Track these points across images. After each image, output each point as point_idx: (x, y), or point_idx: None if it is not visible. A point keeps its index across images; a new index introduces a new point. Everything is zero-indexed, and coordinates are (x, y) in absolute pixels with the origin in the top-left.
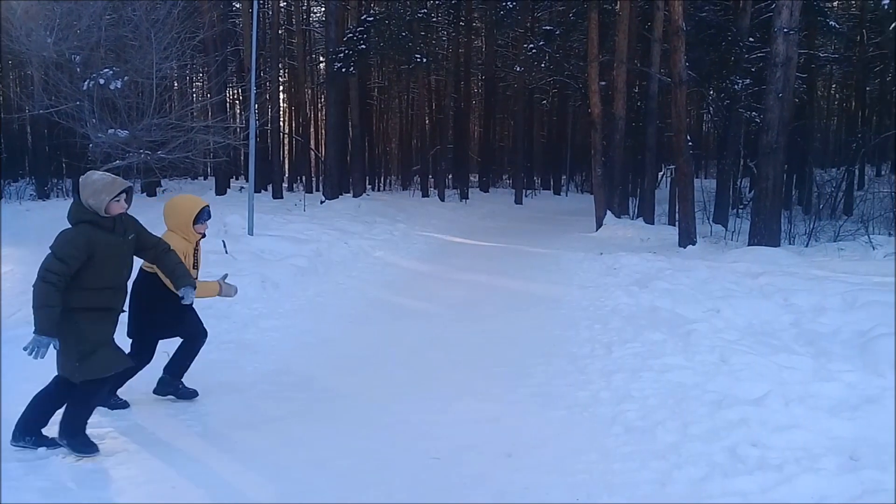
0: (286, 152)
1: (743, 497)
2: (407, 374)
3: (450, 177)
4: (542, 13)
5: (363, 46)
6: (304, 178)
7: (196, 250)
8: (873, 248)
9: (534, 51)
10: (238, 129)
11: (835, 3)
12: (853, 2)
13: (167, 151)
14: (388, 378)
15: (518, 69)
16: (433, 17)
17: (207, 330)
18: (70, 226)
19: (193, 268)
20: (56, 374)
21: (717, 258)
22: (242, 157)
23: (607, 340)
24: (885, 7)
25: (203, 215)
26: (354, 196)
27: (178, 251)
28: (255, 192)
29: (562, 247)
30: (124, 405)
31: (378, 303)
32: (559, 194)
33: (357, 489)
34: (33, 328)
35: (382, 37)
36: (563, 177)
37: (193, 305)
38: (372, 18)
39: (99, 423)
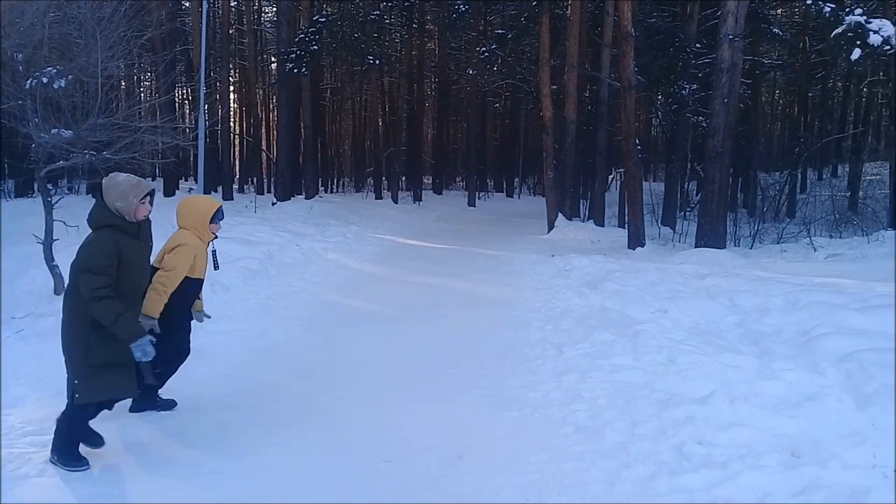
0: (237, 153)
1: (689, 495)
2: (359, 378)
3: (403, 179)
4: (494, 17)
5: (315, 47)
6: (255, 180)
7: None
8: (815, 250)
9: (486, 54)
10: (187, 130)
11: (779, 11)
12: (796, 10)
13: (113, 152)
14: (340, 382)
15: (471, 72)
16: (386, 19)
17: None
18: (91, 231)
19: (214, 268)
20: None
21: (665, 260)
22: (192, 158)
23: (558, 341)
24: (827, 15)
25: (218, 215)
26: (307, 198)
27: (192, 249)
28: (205, 193)
29: (514, 249)
30: (171, 404)
31: (330, 305)
32: (512, 196)
33: (308, 493)
34: (125, 340)
35: (335, 38)
36: (516, 179)
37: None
38: (324, 19)
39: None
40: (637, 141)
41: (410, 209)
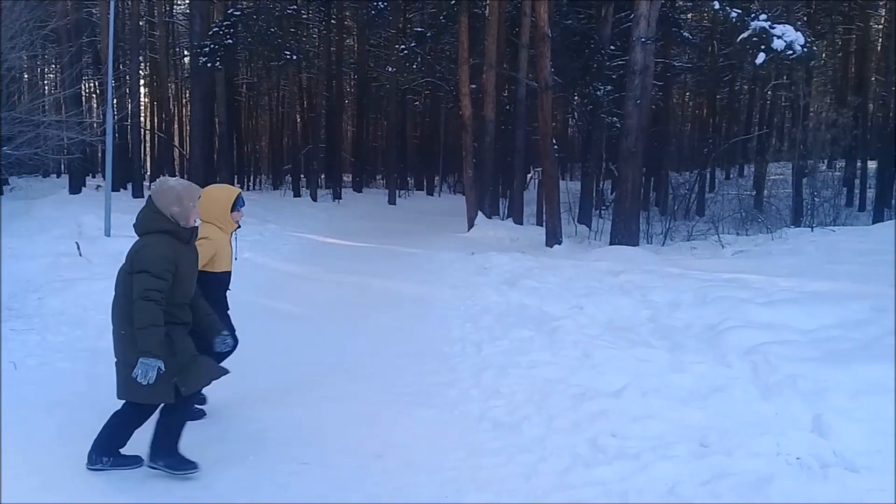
0: (148, 150)
1: (603, 486)
2: (276, 379)
3: (322, 176)
4: (413, 14)
5: (230, 41)
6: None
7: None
8: (722, 247)
9: (405, 52)
10: (94, 125)
11: (688, 16)
12: (705, 14)
13: (14, 147)
14: (255, 384)
15: (390, 69)
16: (304, 14)
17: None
18: (139, 237)
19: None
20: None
21: (581, 257)
22: (100, 154)
23: (478, 339)
24: (733, 20)
25: (238, 202)
26: None
27: (214, 244)
28: (114, 190)
29: (434, 247)
30: (201, 414)
31: (246, 306)
32: (432, 195)
33: (223, 498)
34: (140, 350)
35: (250, 32)
36: (437, 177)
37: None
38: (239, 13)
39: None
40: (554, 140)
41: (330, 207)
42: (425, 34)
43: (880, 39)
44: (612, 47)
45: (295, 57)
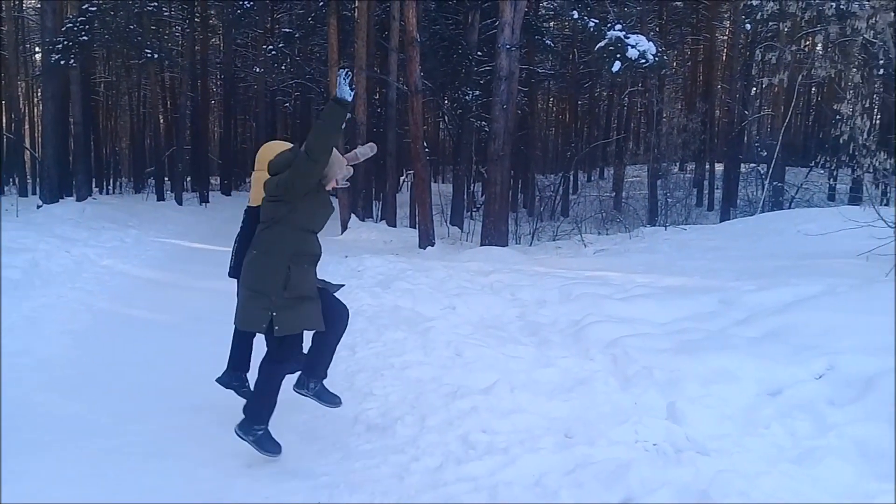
0: None
1: (473, 481)
2: (139, 392)
3: (188, 179)
4: (281, 14)
5: (85, 38)
6: (16, 180)
7: None
8: (585, 246)
9: (273, 52)
10: None
11: (551, 24)
12: (566, 23)
13: None
14: (117, 397)
15: (258, 70)
16: (165, 12)
17: None
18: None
19: None
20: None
21: (453, 258)
22: None
23: (351, 342)
24: (591, 30)
25: None
26: (78, 200)
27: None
28: None
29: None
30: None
31: (106, 316)
32: None
33: None
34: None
35: (108, 28)
36: None
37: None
38: (95, 8)
39: None
40: (425, 144)
41: (196, 211)
42: (294, 35)
43: (725, 50)
44: (479, 53)
45: (156, 56)
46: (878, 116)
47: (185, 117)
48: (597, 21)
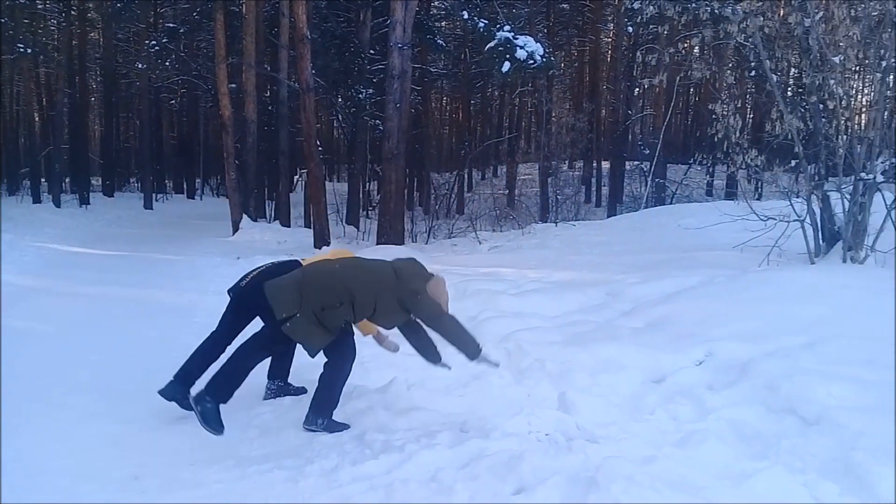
0: None
1: (369, 480)
2: (16, 405)
3: (67, 180)
4: (165, 9)
5: None
6: None
7: None
8: (480, 243)
9: (157, 48)
10: None
11: (443, 24)
12: (457, 23)
13: None
14: None
15: (140, 66)
16: (39, 4)
17: None
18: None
19: None
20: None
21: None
22: None
23: None
24: (481, 30)
25: None
26: None
27: None
28: None
29: (197, 252)
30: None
31: None
32: (193, 198)
33: None
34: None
35: None
36: (197, 180)
37: None
38: None
39: None
40: (319, 142)
41: (76, 213)
42: (178, 30)
43: (609, 51)
44: (371, 51)
45: (30, 50)
46: (751, 115)
47: (62, 115)
48: (486, 22)
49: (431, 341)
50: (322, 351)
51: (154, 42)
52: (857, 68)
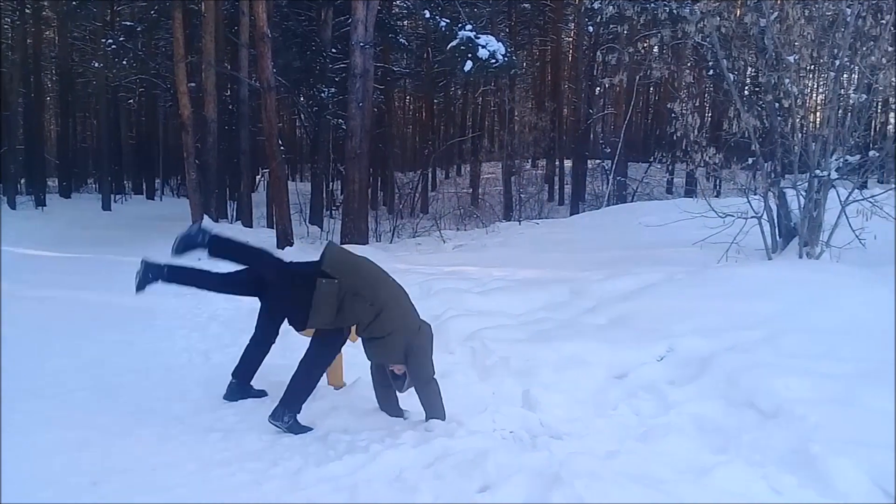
0: None
1: (334, 481)
2: None
3: (22, 181)
4: (122, 7)
5: None
6: None
7: None
8: (444, 242)
9: (114, 46)
10: None
11: (405, 23)
12: (420, 22)
13: None
14: None
15: (97, 65)
16: None
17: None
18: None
19: None
20: None
21: (313, 257)
22: None
23: (205, 348)
24: (443, 29)
25: None
26: None
27: None
28: None
29: (157, 253)
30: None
31: None
32: (153, 199)
33: None
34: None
35: None
36: (157, 180)
37: None
38: None
39: None
40: (281, 142)
41: (32, 216)
42: (136, 28)
43: (570, 51)
44: (333, 50)
45: None
46: (709, 114)
47: (16, 115)
48: (448, 21)
49: (397, 399)
50: (310, 343)
51: (111, 40)
52: (812, 67)
